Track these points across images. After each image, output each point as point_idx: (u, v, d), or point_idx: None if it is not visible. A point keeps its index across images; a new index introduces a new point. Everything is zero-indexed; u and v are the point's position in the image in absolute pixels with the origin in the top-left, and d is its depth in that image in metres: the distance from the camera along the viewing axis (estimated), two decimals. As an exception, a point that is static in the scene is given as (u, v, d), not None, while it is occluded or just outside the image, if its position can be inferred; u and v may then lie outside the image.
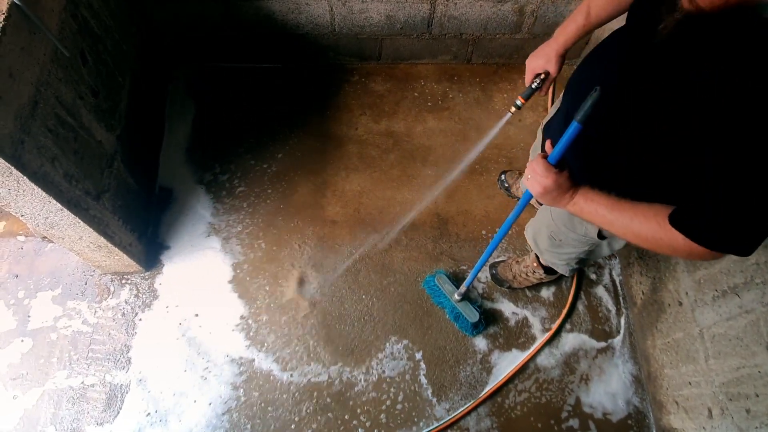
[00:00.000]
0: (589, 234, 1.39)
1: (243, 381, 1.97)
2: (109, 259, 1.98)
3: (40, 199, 1.53)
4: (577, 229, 1.41)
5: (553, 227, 1.51)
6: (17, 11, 1.37)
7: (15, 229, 2.20)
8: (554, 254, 1.62)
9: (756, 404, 1.44)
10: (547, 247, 1.61)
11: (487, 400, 1.96)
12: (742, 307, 1.48)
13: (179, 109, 2.47)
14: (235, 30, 2.38)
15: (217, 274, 2.15)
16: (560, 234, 1.49)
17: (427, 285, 2.13)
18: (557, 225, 1.48)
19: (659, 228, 0.94)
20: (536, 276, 2.02)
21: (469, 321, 2.01)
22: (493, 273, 2.15)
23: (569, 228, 1.44)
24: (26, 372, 1.96)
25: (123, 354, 2.01)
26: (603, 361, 2.05)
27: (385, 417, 1.93)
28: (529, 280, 2.07)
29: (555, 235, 1.52)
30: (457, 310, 2.04)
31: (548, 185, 1.08)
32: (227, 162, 2.36)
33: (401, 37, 2.47)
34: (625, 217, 1.00)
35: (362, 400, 1.95)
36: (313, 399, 1.95)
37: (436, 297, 2.11)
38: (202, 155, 2.37)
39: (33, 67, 1.45)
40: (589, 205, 1.06)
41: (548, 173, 1.08)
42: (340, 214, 2.28)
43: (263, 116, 2.47)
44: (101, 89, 1.83)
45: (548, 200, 1.12)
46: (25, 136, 1.41)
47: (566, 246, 1.52)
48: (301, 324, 2.07)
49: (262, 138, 2.42)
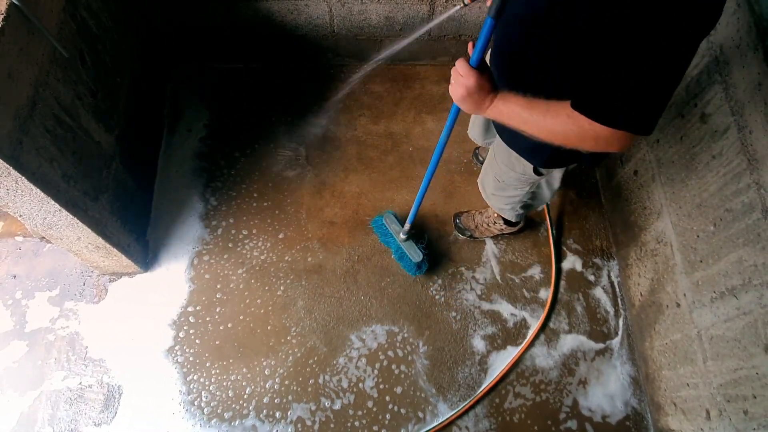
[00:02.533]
0: (527, 171, 1.44)
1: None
2: (108, 259, 1.98)
3: (39, 199, 1.53)
4: (516, 167, 1.47)
5: (496, 168, 1.58)
6: (16, 12, 1.37)
7: (13, 229, 2.20)
8: (500, 198, 1.70)
9: (754, 406, 1.45)
10: (493, 190, 1.70)
11: (484, 399, 1.97)
12: (739, 309, 1.48)
13: (178, 109, 2.47)
14: (234, 30, 2.38)
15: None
16: (503, 174, 1.56)
17: (375, 224, 2.19)
18: (499, 165, 1.55)
19: (568, 119, 0.99)
20: (497, 227, 2.13)
21: (412, 261, 2.06)
22: (456, 222, 2.23)
23: (509, 167, 1.50)
24: (23, 373, 1.96)
25: (122, 358, 2.00)
26: (601, 362, 2.06)
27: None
28: (491, 230, 2.17)
29: (498, 176, 1.59)
30: (401, 250, 2.09)
31: (470, 86, 1.12)
32: (226, 161, 2.36)
33: (400, 38, 2.47)
34: (539, 114, 1.05)
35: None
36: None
37: (383, 236, 2.17)
38: (200, 155, 2.36)
39: (32, 68, 1.45)
40: (507, 106, 1.11)
41: (470, 74, 1.12)
42: (338, 216, 2.28)
43: (262, 117, 2.46)
44: (100, 90, 1.83)
45: (471, 104, 1.15)
46: (23, 136, 1.40)
47: (509, 188, 1.60)
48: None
49: (260, 139, 2.41)
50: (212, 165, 2.35)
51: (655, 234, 1.91)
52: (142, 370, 1.98)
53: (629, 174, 2.10)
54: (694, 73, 1.66)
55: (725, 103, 1.52)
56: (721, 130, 1.54)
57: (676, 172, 1.78)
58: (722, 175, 1.54)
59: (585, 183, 2.39)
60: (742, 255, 1.46)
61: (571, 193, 2.37)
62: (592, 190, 2.37)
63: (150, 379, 1.97)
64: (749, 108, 1.42)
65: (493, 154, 1.59)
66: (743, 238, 1.46)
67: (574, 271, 2.21)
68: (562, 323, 2.11)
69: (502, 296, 2.15)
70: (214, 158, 2.36)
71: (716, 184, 1.57)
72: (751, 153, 1.42)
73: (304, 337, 2.05)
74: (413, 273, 2.12)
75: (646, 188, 1.97)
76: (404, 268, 2.14)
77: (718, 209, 1.56)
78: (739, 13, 1.45)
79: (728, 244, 1.52)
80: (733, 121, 1.48)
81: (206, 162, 2.35)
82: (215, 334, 2.04)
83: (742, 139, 1.45)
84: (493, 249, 2.23)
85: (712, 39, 1.57)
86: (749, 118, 1.42)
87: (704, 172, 1.63)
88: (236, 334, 2.05)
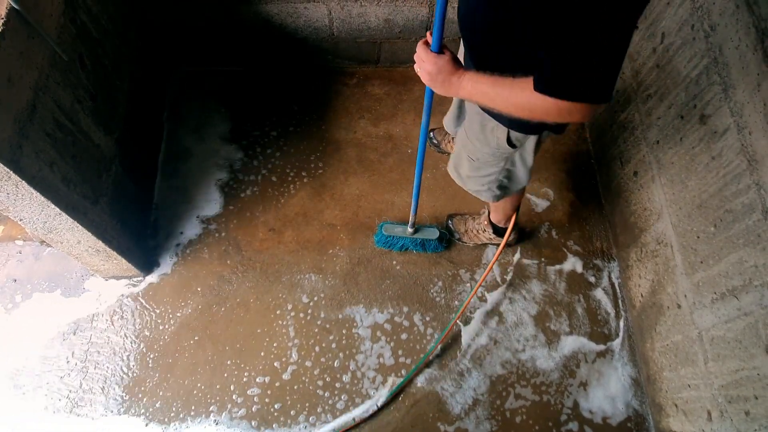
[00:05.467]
0: (500, 144, 1.46)
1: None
2: (108, 263, 1.98)
3: (39, 203, 1.53)
4: (489, 141, 1.49)
5: (468, 146, 1.59)
6: (16, 16, 1.38)
7: (13, 233, 2.20)
8: (476, 179, 1.69)
9: (755, 407, 1.44)
10: (468, 172, 1.69)
11: (484, 399, 1.96)
12: (740, 310, 1.48)
13: (178, 112, 2.47)
14: (233, 34, 2.38)
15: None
16: (476, 152, 1.57)
17: (381, 241, 2.18)
18: (471, 142, 1.56)
19: (532, 95, 1.04)
20: (486, 235, 2.16)
21: (433, 239, 2.12)
22: (448, 223, 2.25)
23: (482, 142, 1.51)
24: (24, 375, 1.96)
25: (122, 357, 2.00)
26: (602, 363, 2.05)
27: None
28: (479, 237, 2.19)
29: (472, 154, 1.60)
30: (417, 240, 2.13)
31: (431, 70, 1.19)
32: (226, 165, 2.36)
33: (400, 41, 2.47)
34: (505, 90, 1.10)
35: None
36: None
37: (396, 244, 2.17)
38: (199, 158, 2.37)
39: (31, 72, 1.45)
40: (475, 86, 1.15)
41: (428, 57, 1.18)
42: (338, 218, 2.28)
43: (261, 119, 2.47)
44: (100, 93, 1.83)
45: (438, 85, 1.21)
46: (23, 140, 1.41)
47: (485, 166, 1.61)
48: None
49: (259, 141, 2.42)
50: (210, 167, 2.35)
51: (656, 235, 1.91)
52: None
53: (629, 175, 2.10)
54: (693, 74, 1.66)
55: (725, 104, 1.52)
56: (721, 131, 1.54)
57: (676, 173, 1.78)
58: (722, 176, 1.54)
59: (585, 184, 2.39)
60: (743, 256, 1.46)
61: (571, 195, 2.37)
62: (592, 192, 2.37)
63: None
64: (748, 109, 1.42)
65: (464, 133, 1.61)
66: (743, 238, 1.46)
67: (575, 273, 2.21)
68: (562, 325, 2.11)
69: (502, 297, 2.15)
70: (213, 160, 2.36)
71: (716, 185, 1.57)
72: (751, 154, 1.42)
73: (306, 338, 2.05)
74: (441, 248, 2.20)
75: (646, 189, 1.97)
76: (433, 252, 2.19)
77: (718, 210, 1.56)
78: (738, 14, 1.45)
79: (729, 245, 1.52)
80: (733, 122, 1.48)
81: (204, 164, 2.35)
82: (215, 334, 2.04)
83: (742, 139, 1.45)
84: (494, 251, 2.23)
85: (711, 40, 1.57)
86: (749, 118, 1.42)
87: (704, 173, 1.63)
88: (236, 336, 2.05)
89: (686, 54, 1.69)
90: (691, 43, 1.67)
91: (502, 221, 2.07)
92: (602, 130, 2.33)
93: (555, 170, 2.42)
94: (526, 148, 1.50)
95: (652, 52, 1.89)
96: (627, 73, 2.07)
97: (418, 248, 2.18)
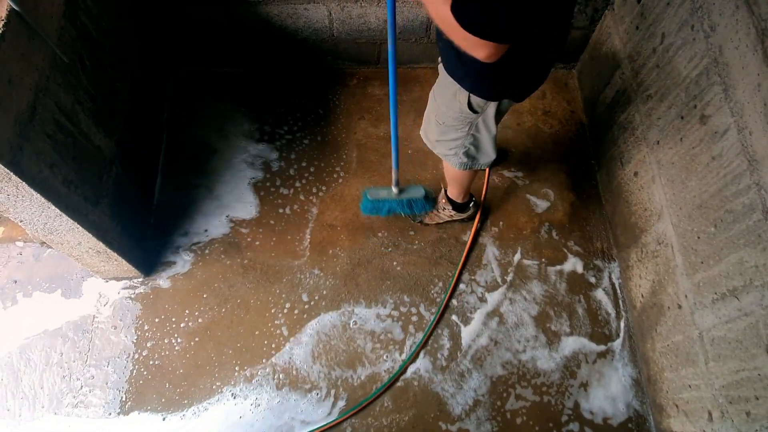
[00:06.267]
0: (463, 108, 1.53)
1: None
2: (108, 264, 1.98)
3: (39, 204, 1.53)
4: (453, 105, 1.55)
5: (436, 109, 1.66)
6: (16, 18, 1.38)
7: (14, 234, 2.20)
8: (444, 143, 1.74)
9: (756, 407, 1.44)
10: (436, 136, 1.74)
11: (484, 401, 1.97)
12: (741, 310, 1.48)
13: (178, 113, 2.47)
14: (233, 35, 2.38)
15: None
16: (442, 116, 1.64)
17: (368, 208, 2.13)
18: (439, 105, 1.63)
19: (448, 11, 1.07)
20: (446, 213, 2.17)
21: (420, 197, 2.09)
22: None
23: (448, 106, 1.58)
24: (25, 375, 1.96)
25: (122, 360, 2.00)
26: (602, 364, 2.05)
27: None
28: (440, 216, 2.20)
29: (439, 118, 1.66)
30: (404, 201, 2.11)
31: None
32: (226, 166, 2.36)
33: (400, 42, 2.47)
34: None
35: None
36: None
37: (383, 208, 2.14)
38: (200, 160, 2.37)
39: (32, 73, 1.46)
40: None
41: None
42: (339, 219, 2.28)
43: (263, 120, 2.47)
44: (100, 94, 1.83)
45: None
46: (24, 141, 1.41)
47: (451, 130, 1.66)
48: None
49: (260, 142, 2.42)
50: (212, 170, 2.35)
51: (656, 235, 1.91)
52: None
53: (629, 175, 2.10)
54: (693, 74, 1.66)
55: (725, 104, 1.52)
56: (721, 132, 1.54)
57: (677, 174, 1.78)
58: (722, 177, 1.54)
59: (585, 185, 2.39)
60: (743, 256, 1.46)
61: (572, 195, 2.37)
62: (593, 192, 2.37)
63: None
64: (749, 109, 1.42)
65: (433, 97, 1.66)
66: (744, 239, 1.46)
67: (575, 273, 2.21)
68: (563, 325, 2.11)
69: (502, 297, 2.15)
70: (215, 163, 2.37)
71: (716, 186, 1.57)
72: (751, 154, 1.42)
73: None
74: (429, 207, 2.16)
75: (646, 190, 1.97)
76: (421, 211, 2.17)
77: (718, 210, 1.56)
78: (738, 15, 1.45)
79: (729, 246, 1.52)
80: (733, 122, 1.48)
81: (206, 166, 2.36)
82: (215, 335, 2.05)
83: (742, 140, 1.45)
84: (494, 252, 2.23)
85: (711, 40, 1.57)
86: (749, 119, 1.42)
87: (704, 174, 1.63)
88: (236, 337, 2.05)
89: (686, 54, 1.69)
90: (691, 43, 1.67)
91: (460, 196, 2.10)
92: (602, 130, 2.33)
93: (555, 170, 2.42)
94: (488, 114, 1.56)
95: (652, 52, 1.89)
96: (627, 73, 2.07)
97: (406, 210, 2.13)
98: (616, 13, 2.17)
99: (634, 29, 2.01)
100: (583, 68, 2.55)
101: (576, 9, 2.25)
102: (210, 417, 1.92)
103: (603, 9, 2.25)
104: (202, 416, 1.92)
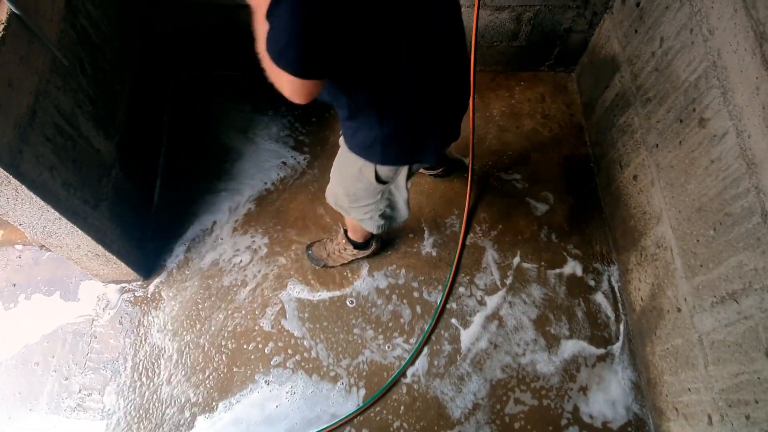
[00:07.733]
0: (371, 180, 1.48)
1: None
2: (107, 267, 1.98)
3: (39, 207, 1.53)
4: (361, 179, 1.50)
5: (342, 182, 1.62)
6: (16, 21, 1.38)
7: (13, 237, 2.20)
8: (358, 210, 1.69)
9: (756, 411, 1.44)
10: (349, 203, 1.68)
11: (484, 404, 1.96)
12: (740, 314, 1.48)
13: (178, 116, 2.47)
14: (233, 38, 2.38)
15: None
16: (351, 188, 1.59)
17: None
18: (344, 178, 1.58)
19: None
20: (348, 252, 2.09)
21: None
22: (309, 253, 2.17)
23: (354, 179, 1.52)
24: (24, 377, 1.96)
25: (122, 363, 2.00)
26: (602, 367, 2.05)
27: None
28: (343, 256, 2.11)
29: (347, 190, 1.62)
30: None
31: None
32: (226, 169, 2.36)
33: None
34: (259, 25, 1.13)
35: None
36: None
37: None
38: (200, 162, 2.37)
39: (32, 77, 1.46)
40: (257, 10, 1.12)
41: None
42: (339, 221, 2.28)
43: (263, 122, 2.47)
44: (100, 98, 1.83)
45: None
46: (23, 145, 1.41)
47: (362, 198, 1.61)
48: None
49: (261, 142, 2.42)
50: (213, 171, 2.35)
51: (655, 239, 1.91)
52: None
53: (628, 179, 2.10)
54: (692, 77, 1.67)
55: (723, 107, 1.52)
56: (720, 135, 1.54)
57: (676, 177, 1.78)
58: (721, 180, 1.54)
59: (584, 188, 2.39)
60: (743, 259, 1.46)
61: (571, 199, 2.37)
62: (592, 196, 2.37)
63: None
64: (747, 112, 1.42)
65: (338, 169, 1.61)
66: (743, 242, 1.46)
67: (575, 276, 2.21)
68: (562, 329, 2.11)
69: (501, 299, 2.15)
70: (215, 165, 2.37)
71: (715, 189, 1.57)
72: (750, 157, 1.42)
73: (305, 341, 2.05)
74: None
75: (645, 193, 1.98)
76: None
77: (717, 213, 1.56)
78: (737, 18, 1.46)
79: (728, 249, 1.52)
80: (732, 126, 1.49)
81: (207, 168, 2.36)
82: (214, 335, 2.04)
83: (741, 143, 1.45)
84: (493, 255, 2.23)
85: (709, 44, 1.58)
86: (748, 122, 1.42)
87: (703, 177, 1.63)
88: (234, 339, 2.05)
89: (685, 58, 1.70)
90: (689, 46, 1.67)
91: (362, 238, 2.03)
92: (601, 133, 2.33)
93: (554, 174, 2.42)
94: (399, 181, 1.53)
95: (650, 56, 1.89)
96: (626, 76, 2.08)
97: None
98: (615, 17, 2.17)
99: (633, 33, 2.01)
100: (582, 72, 2.55)
101: (575, 13, 2.26)
102: (201, 426, 1.92)
103: (602, 13, 2.26)
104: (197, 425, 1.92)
